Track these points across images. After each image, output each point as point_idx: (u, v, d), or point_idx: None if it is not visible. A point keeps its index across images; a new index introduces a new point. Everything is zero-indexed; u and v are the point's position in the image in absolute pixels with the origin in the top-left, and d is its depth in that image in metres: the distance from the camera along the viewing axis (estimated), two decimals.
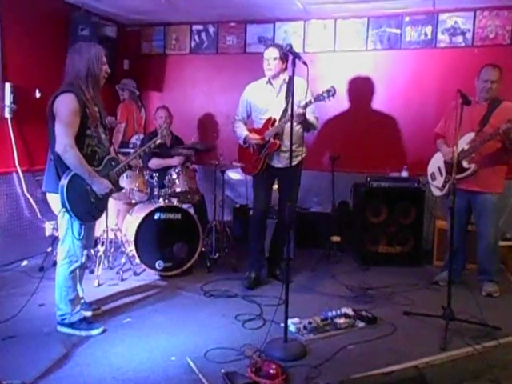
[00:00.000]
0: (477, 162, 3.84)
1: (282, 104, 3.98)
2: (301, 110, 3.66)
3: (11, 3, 4.48)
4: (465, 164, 3.87)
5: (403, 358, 2.90)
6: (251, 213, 4.31)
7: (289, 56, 3.59)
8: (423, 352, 2.97)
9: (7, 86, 4.45)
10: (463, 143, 3.85)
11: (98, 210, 3.14)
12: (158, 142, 3.43)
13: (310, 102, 3.74)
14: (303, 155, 4.12)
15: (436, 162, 4.22)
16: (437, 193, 4.21)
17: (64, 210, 2.96)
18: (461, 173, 3.83)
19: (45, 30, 4.89)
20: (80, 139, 2.94)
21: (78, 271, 3.18)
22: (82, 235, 3.06)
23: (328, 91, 3.69)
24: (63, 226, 3.07)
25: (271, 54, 3.91)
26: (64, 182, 2.90)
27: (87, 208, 3.03)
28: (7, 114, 4.48)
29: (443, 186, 4.10)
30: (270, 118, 3.99)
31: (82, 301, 3.36)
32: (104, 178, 3.07)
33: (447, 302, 3.27)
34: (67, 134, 2.86)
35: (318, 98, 3.74)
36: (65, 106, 2.88)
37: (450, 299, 3.27)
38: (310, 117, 3.85)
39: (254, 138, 4.01)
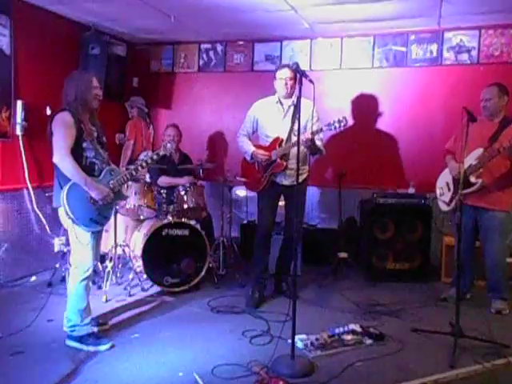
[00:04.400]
0: (484, 178, 3.85)
1: (288, 125, 4.02)
2: (309, 136, 3.69)
3: (23, 23, 4.59)
4: (472, 179, 3.87)
5: (411, 375, 2.89)
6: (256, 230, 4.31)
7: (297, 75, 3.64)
8: (432, 369, 2.95)
9: (19, 103, 4.54)
10: (471, 159, 3.87)
11: (101, 217, 3.21)
12: (161, 154, 3.48)
13: (321, 130, 3.77)
14: (308, 173, 4.15)
15: (445, 178, 4.24)
16: (444, 208, 4.22)
17: (69, 218, 3.07)
18: (468, 188, 3.84)
19: (56, 48, 5.00)
20: (78, 152, 3.11)
21: (89, 282, 3.24)
22: (88, 241, 3.15)
23: (339, 121, 3.74)
24: (72, 236, 3.17)
25: (287, 74, 3.94)
26: (64, 191, 3.05)
27: (90, 215, 3.13)
28: (18, 131, 4.56)
29: (450, 201, 4.10)
30: (277, 138, 4.02)
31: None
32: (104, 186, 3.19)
33: (456, 318, 3.25)
34: (62, 144, 3.06)
35: (328, 127, 3.79)
36: (60, 120, 3.11)
37: (458, 316, 3.24)
38: (317, 142, 3.88)
39: (262, 154, 4.04)
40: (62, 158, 3.05)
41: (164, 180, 4.94)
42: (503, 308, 3.97)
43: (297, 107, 3.93)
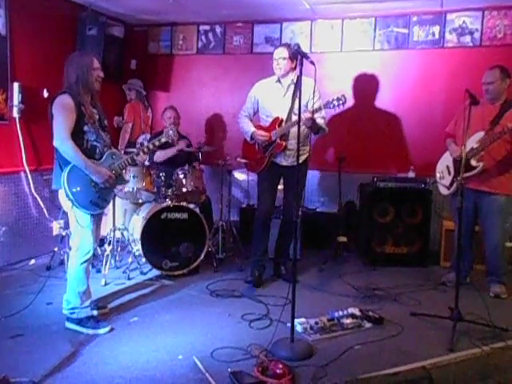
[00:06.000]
0: (485, 161, 3.83)
1: (288, 104, 3.98)
2: (309, 115, 3.66)
3: (19, 3, 4.50)
4: (473, 162, 3.85)
5: (410, 358, 2.89)
6: (256, 212, 4.29)
7: (297, 56, 3.59)
8: (430, 353, 2.96)
9: (15, 85, 4.47)
10: (473, 142, 3.84)
11: (102, 200, 3.20)
12: (163, 140, 3.45)
13: (320, 108, 3.74)
14: (309, 154, 4.12)
15: (445, 161, 4.21)
16: (444, 191, 4.21)
17: (69, 200, 3.06)
18: (469, 171, 3.81)
19: (53, 29, 4.92)
20: (79, 135, 3.09)
21: (89, 265, 3.25)
22: (88, 224, 3.14)
23: (338, 99, 3.71)
24: (72, 218, 3.16)
25: (280, 54, 3.92)
26: (65, 173, 3.04)
27: (90, 197, 3.12)
28: (15, 114, 4.51)
29: (451, 185, 4.09)
30: (277, 118, 3.99)
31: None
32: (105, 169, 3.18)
33: (455, 302, 3.25)
34: (63, 128, 3.03)
35: (327, 105, 3.76)
36: (60, 103, 3.08)
37: (457, 300, 3.25)
38: (319, 120, 3.85)
39: (262, 135, 4.01)
40: (62, 142, 3.02)
41: (160, 155, 4.91)
42: (502, 292, 3.98)
43: (297, 85, 3.90)
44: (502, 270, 4.05)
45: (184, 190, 4.53)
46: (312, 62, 3.05)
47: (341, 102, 3.71)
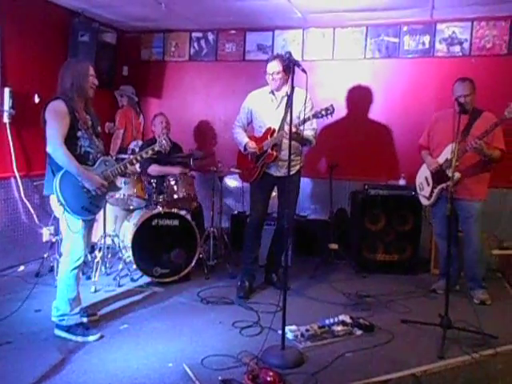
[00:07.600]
0: (460, 171, 3.87)
1: (281, 114, 4.00)
2: (293, 129, 3.67)
3: (11, 9, 4.49)
4: (449, 173, 3.91)
5: (401, 366, 2.90)
6: (247, 220, 4.30)
7: (289, 64, 3.61)
8: (421, 360, 2.97)
9: (6, 90, 4.45)
10: (448, 153, 3.90)
11: (94, 206, 3.19)
12: (157, 149, 3.43)
13: (309, 119, 3.76)
14: (301, 164, 4.14)
15: (423, 173, 4.28)
16: (425, 202, 4.28)
17: (61, 205, 3.06)
18: (446, 181, 3.88)
19: (45, 35, 4.91)
20: (72, 141, 3.08)
21: (79, 271, 3.23)
22: (79, 230, 3.12)
23: (326, 109, 3.72)
24: (63, 224, 3.14)
25: (274, 68, 3.90)
26: (57, 178, 3.03)
27: (82, 203, 3.11)
28: (6, 119, 4.48)
29: (430, 196, 4.16)
30: (269, 128, 4.00)
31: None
32: (98, 176, 3.17)
33: (445, 310, 3.26)
34: (56, 134, 3.03)
35: (316, 116, 3.77)
36: (53, 109, 3.08)
37: (447, 307, 3.26)
38: (306, 132, 3.86)
39: (253, 146, 4.03)
40: (55, 148, 3.02)
41: (155, 168, 4.86)
42: (486, 298, 4.02)
43: (289, 97, 3.91)
44: (481, 275, 4.10)
45: (175, 196, 4.52)
46: (304, 70, 3.08)
47: (329, 112, 3.72)
